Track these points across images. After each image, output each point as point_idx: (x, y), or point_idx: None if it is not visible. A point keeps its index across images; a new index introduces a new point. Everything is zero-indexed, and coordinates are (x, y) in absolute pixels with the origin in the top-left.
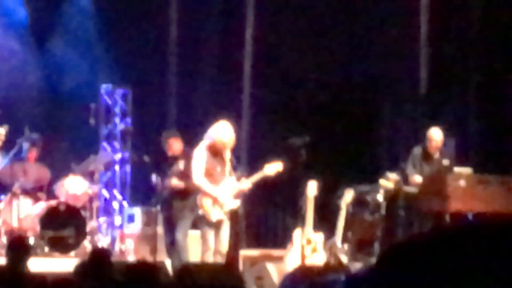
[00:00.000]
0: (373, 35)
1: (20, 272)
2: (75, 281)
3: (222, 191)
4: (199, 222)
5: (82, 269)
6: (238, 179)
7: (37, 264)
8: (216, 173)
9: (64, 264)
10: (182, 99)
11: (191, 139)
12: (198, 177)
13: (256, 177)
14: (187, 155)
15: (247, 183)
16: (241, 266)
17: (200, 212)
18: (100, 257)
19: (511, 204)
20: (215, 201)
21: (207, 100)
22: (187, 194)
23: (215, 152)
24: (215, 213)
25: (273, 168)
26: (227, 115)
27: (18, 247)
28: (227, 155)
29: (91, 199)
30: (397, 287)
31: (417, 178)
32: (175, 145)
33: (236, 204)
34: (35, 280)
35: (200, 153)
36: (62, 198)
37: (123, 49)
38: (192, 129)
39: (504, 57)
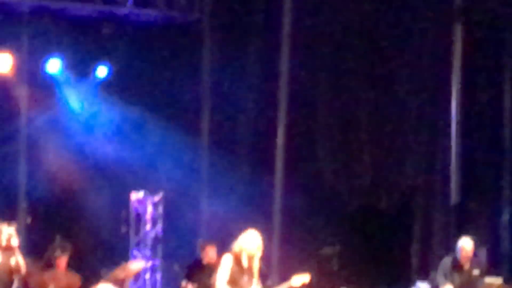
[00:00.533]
0: (405, 140)
1: None
2: None
3: None
4: None
5: None
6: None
7: None
8: (242, 282)
9: None
10: (213, 208)
11: (222, 248)
12: (221, 286)
13: (282, 287)
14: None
15: None
16: None
17: None
18: None
19: None
20: None
21: (238, 209)
22: None
23: (242, 261)
24: None
25: (300, 280)
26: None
27: None
28: (255, 264)
29: None
30: None
31: None
32: (210, 253)
33: None
34: None
35: (225, 262)
36: None
37: (154, 157)
38: (223, 239)
39: None
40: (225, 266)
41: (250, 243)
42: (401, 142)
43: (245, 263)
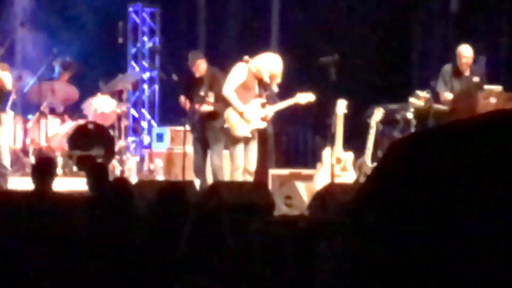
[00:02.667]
0: None
1: (46, 193)
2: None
3: (250, 109)
4: (226, 139)
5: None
6: (263, 105)
7: (65, 184)
8: (250, 94)
9: None
10: (211, 18)
11: (220, 60)
12: (228, 90)
13: (285, 103)
14: (212, 77)
15: (269, 110)
16: (270, 185)
17: (226, 125)
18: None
19: None
20: (241, 116)
21: (237, 21)
22: (218, 117)
23: (264, 77)
24: (240, 129)
25: (305, 97)
26: (257, 35)
27: (45, 169)
28: (271, 88)
29: (119, 118)
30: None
31: (448, 95)
32: (200, 67)
33: (263, 125)
34: (60, 200)
35: (241, 69)
36: (90, 117)
37: None
38: (221, 50)
39: None
40: (238, 74)
41: (277, 64)
42: None
43: (267, 80)
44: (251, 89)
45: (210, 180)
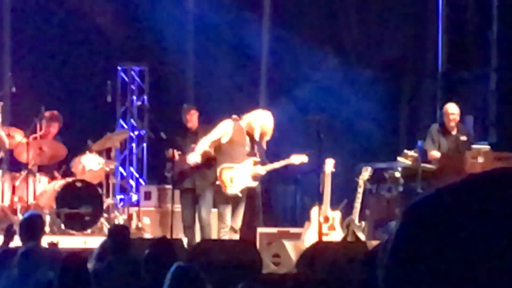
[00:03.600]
0: (391, 14)
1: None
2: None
3: (242, 167)
4: (216, 196)
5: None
6: (255, 163)
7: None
8: (239, 151)
9: (81, 241)
10: (199, 78)
11: (208, 118)
12: (201, 142)
13: (279, 164)
14: (203, 131)
15: (262, 170)
16: (258, 243)
17: (217, 183)
18: (119, 234)
19: None
20: (233, 176)
21: (225, 77)
22: (208, 169)
23: (255, 134)
24: (231, 187)
25: (299, 159)
26: (245, 92)
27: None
28: (261, 145)
29: (107, 177)
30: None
31: (435, 153)
32: (193, 118)
33: (254, 184)
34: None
35: (224, 126)
36: (79, 175)
37: (140, 27)
38: (209, 107)
39: None
40: (220, 130)
41: (269, 121)
42: (389, 10)
43: (257, 137)
44: (240, 145)
45: (198, 237)
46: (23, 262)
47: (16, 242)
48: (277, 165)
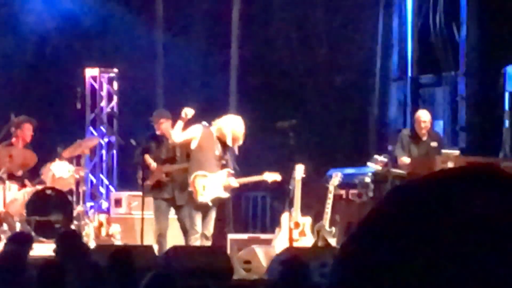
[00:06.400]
0: (359, 17)
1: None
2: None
3: (215, 177)
4: (187, 203)
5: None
6: (229, 174)
7: None
8: (209, 156)
9: (51, 249)
10: (169, 82)
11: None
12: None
13: (252, 179)
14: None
15: (235, 182)
16: (228, 250)
17: (190, 189)
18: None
19: None
20: (206, 184)
21: (195, 83)
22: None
23: (227, 140)
24: (202, 195)
25: (272, 177)
26: (215, 98)
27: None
28: (233, 150)
29: (77, 184)
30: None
31: (405, 159)
32: (164, 125)
33: (225, 195)
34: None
35: (194, 129)
36: (49, 183)
37: (109, 32)
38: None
39: (496, 40)
40: (190, 132)
41: (240, 126)
42: (356, 16)
43: (229, 142)
44: (210, 151)
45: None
46: None
47: None
48: (250, 179)
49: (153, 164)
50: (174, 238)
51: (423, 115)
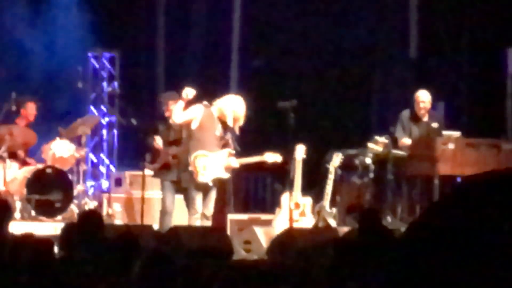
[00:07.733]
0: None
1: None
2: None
3: (216, 157)
4: (187, 183)
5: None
6: (229, 155)
7: (23, 228)
8: (210, 136)
9: (51, 227)
10: (170, 63)
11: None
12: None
13: (252, 159)
14: None
15: (235, 163)
16: (229, 230)
17: (190, 169)
18: (91, 218)
19: (500, 167)
20: (206, 164)
21: (196, 64)
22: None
23: (227, 120)
24: (203, 175)
25: (272, 157)
26: (216, 79)
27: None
28: (233, 131)
29: (78, 163)
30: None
31: (406, 141)
32: (173, 107)
33: (226, 175)
34: (17, 243)
35: (195, 109)
36: (49, 162)
37: (110, 12)
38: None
39: (496, 21)
40: (192, 112)
41: (241, 106)
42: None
43: (230, 123)
44: (211, 131)
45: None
46: None
47: None
48: (250, 160)
49: (161, 146)
50: (181, 218)
51: (422, 95)
